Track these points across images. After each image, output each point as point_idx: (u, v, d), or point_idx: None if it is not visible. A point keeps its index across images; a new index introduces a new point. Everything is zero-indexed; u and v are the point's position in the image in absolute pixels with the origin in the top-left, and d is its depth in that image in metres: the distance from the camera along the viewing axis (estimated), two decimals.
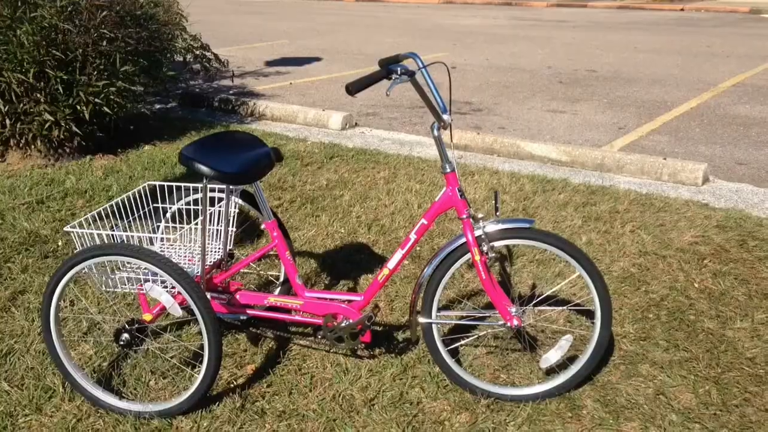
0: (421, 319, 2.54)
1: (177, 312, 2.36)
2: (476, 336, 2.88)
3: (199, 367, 2.66)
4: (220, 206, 2.75)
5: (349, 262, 3.66)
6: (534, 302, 2.85)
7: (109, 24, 5.18)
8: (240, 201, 2.80)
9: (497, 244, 2.40)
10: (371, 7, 21.23)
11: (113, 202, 2.65)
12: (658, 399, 2.55)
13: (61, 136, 5.20)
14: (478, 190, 4.77)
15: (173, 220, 2.77)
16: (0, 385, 2.58)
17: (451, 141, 2.70)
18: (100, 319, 3.00)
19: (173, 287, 2.37)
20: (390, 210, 4.37)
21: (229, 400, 2.54)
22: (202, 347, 2.42)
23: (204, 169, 2.28)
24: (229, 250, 2.81)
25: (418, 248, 3.83)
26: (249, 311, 2.71)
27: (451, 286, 3.40)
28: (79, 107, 5.11)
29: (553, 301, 3.12)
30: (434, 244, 3.89)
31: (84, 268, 2.34)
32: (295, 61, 10.70)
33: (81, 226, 2.47)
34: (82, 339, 2.88)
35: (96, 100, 5.10)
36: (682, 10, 19.87)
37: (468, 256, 2.44)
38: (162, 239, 2.71)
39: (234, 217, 2.81)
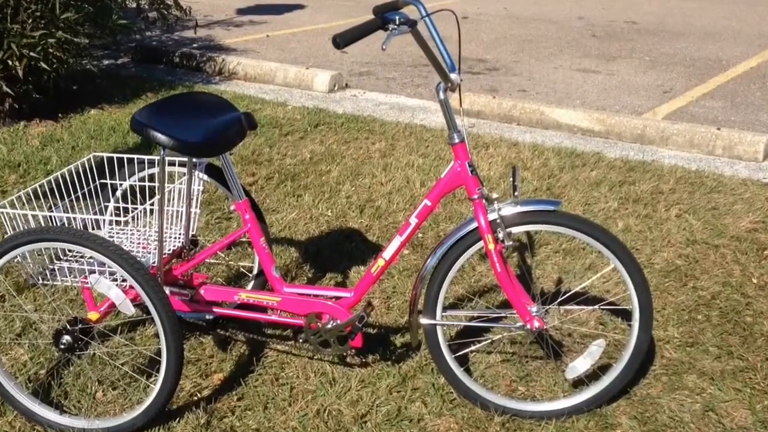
0: (424, 320, 2.54)
1: (129, 310, 2.36)
2: (489, 340, 2.88)
3: (156, 376, 2.64)
4: (181, 183, 2.74)
5: (336, 252, 3.66)
6: (559, 300, 2.85)
7: None
8: (205, 177, 2.79)
9: (516, 230, 2.40)
10: None
11: (52, 178, 2.64)
12: (707, 416, 2.55)
13: None
14: (494, 165, 4.74)
15: (124, 200, 2.76)
16: None
17: (461, 106, 2.69)
18: (36, 318, 2.99)
19: (124, 280, 2.37)
20: (387, 189, 4.36)
21: (192, 415, 2.54)
22: (159, 352, 2.41)
23: (161, 137, 2.27)
24: (192, 235, 2.81)
25: (420, 235, 3.83)
26: (216, 309, 2.71)
27: (460, 280, 3.40)
28: (10, 62, 5.03)
29: (583, 299, 3.13)
30: (440, 231, 3.89)
31: (16, 257, 2.33)
32: (273, 8, 10.62)
33: (12, 205, 2.45)
34: (15, 342, 2.87)
35: (31, 53, 5.03)
36: None
37: (480, 244, 2.43)
38: (111, 222, 2.70)
39: (198, 196, 2.80)
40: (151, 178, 2.80)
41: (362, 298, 2.70)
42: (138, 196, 2.77)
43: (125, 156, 2.82)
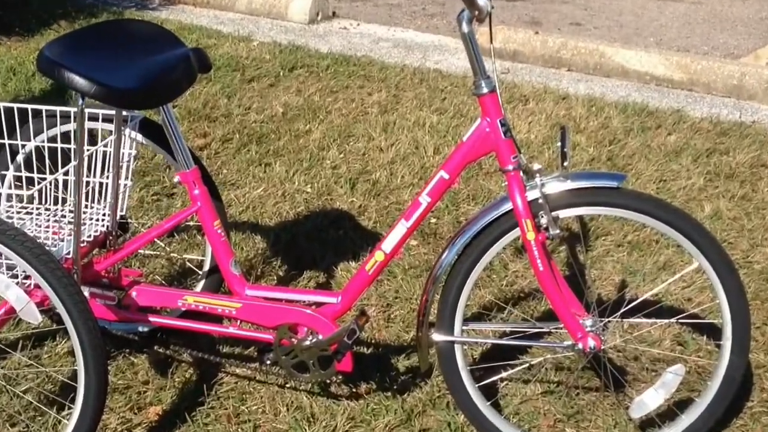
0: (437, 337, 2.55)
1: (33, 317, 2.36)
2: (527, 365, 2.88)
3: (70, 408, 2.61)
4: (105, 145, 2.74)
5: (318, 242, 3.67)
6: (622, 311, 2.85)
7: None
8: (139, 137, 2.81)
9: (564, 213, 2.42)
10: None
11: None
12: None
13: None
14: (535, 125, 4.75)
15: (28, 167, 2.73)
16: None
17: (491, 44, 2.68)
18: None
19: (27, 277, 2.37)
20: (387, 157, 4.38)
21: None
22: (74, 376, 2.42)
23: (79, 81, 2.27)
24: (121, 217, 2.82)
25: (432, 220, 3.83)
26: (153, 319, 2.71)
27: (487, 282, 3.42)
28: None
29: (655, 309, 3.09)
30: (460, 215, 3.89)
31: None
32: None
33: None
34: None
35: None
36: None
37: (515, 232, 2.44)
38: (9, 197, 2.70)
39: (129, 163, 2.80)
40: (65, 137, 2.79)
41: (353, 306, 2.67)
42: (47, 162, 2.76)
43: (29, 107, 2.78)
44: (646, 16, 6.60)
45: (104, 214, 2.79)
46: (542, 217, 2.39)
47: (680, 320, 3.08)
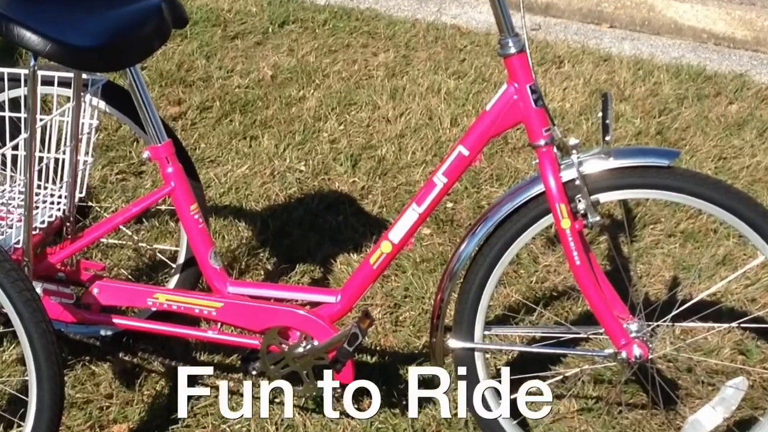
0: (454, 343, 2.57)
1: None
2: (560, 377, 2.88)
3: (20, 426, 2.62)
4: (63, 114, 2.75)
5: (313, 229, 3.69)
6: (674, 313, 2.85)
7: None
8: (102, 105, 2.81)
9: (606, 197, 2.42)
10: None
11: None
12: None
13: None
14: (571, 92, 4.76)
15: None
16: None
17: None
18: None
19: None
20: (396, 129, 4.39)
21: None
22: (25, 388, 2.43)
23: (31, 37, 2.25)
24: (80, 199, 2.84)
25: (448, 205, 3.85)
26: (117, 320, 2.73)
27: (513, 279, 3.44)
28: None
29: (712, 312, 3.10)
30: (481, 198, 3.92)
31: None
32: None
33: None
34: None
35: None
36: None
37: (548, 219, 2.45)
38: None
39: (91, 135, 2.81)
40: (15, 105, 2.79)
41: (354, 306, 2.70)
42: None
43: None
44: None
45: (60, 197, 2.79)
46: (579, 201, 2.39)
47: (742, 325, 3.04)
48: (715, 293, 3.25)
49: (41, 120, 2.62)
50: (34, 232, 2.62)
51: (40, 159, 2.74)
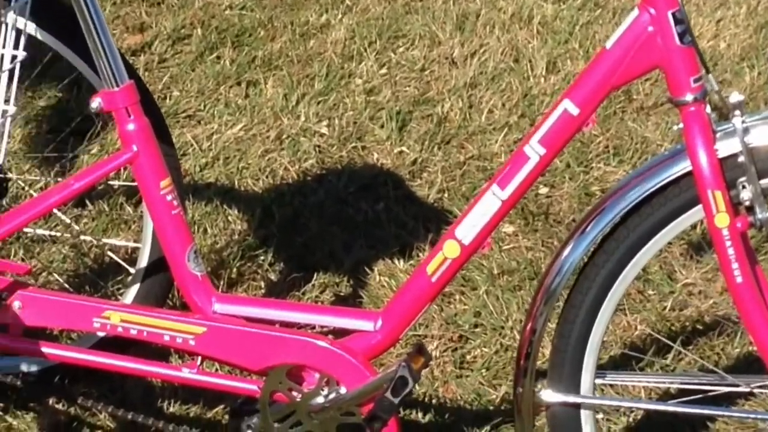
0: (551, 395, 2.51)
1: None
2: None
3: None
4: None
5: (339, 221, 3.71)
6: None
7: None
8: (31, 28, 2.84)
9: None
10: None
11: None
12: None
13: None
14: (728, 24, 4.77)
15: None
16: None
17: None
18: None
19: None
20: (465, 75, 4.41)
21: None
22: None
23: None
24: None
25: (542, 190, 3.88)
26: (48, 350, 2.66)
27: (638, 303, 3.41)
28: None
29: None
30: (590, 180, 3.93)
31: None
32: None
33: None
34: None
35: None
36: None
37: (694, 212, 2.37)
38: None
39: (14, 74, 2.82)
40: None
41: (401, 336, 2.63)
42: None
43: None
44: None
45: None
46: (743, 187, 2.29)
47: None
48: None
49: None
50: None
51: None
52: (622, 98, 4.09)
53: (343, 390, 2.51)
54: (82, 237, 3.43)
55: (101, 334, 2.72)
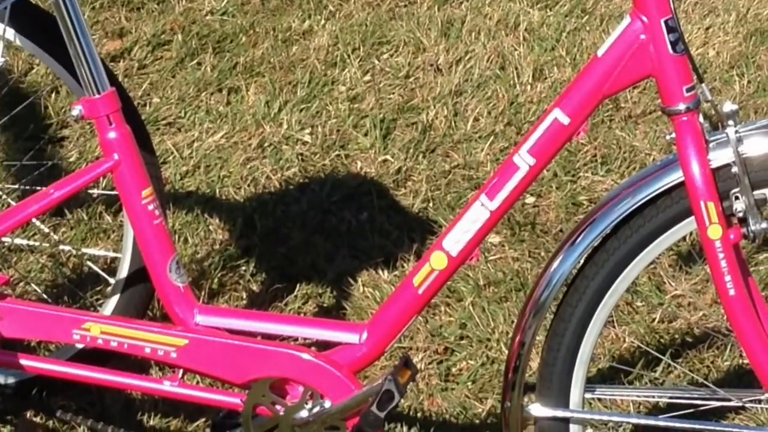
0: (539, 410, 2.52)
1: None
2: None
3: None
4: None
5: (323, 232, 3.72)
6: None
7: None
8: (10, 34, 2.85)
9: None
10: None
11: None
12: None
13: None
14: (718, 32, 4.78)
15: None
16: None
17: None
18: None
19: None
20: (450, 82, 4.41)
21: None
22: None
23: None
24: None
25: (529, 200, 3.88)
26: (25, 362, 2.69)
27: (628, 315, 3.42)
28: None
29: None
30: (578, 190, 3.92)
31: None
32: None
33: None
34: None
35: None
36: None
37: (686, 224, 2.38)
38: None
39: None
40: None
41: (387, 349, 2.64)
42: None
43: None
44: None
45: None
46: (737, 198, 2.30)
47: None
48: None
49: None
50: None
51: None
52: (610, 106, 4.09)
53: (327, 404, 2.53)
54: (61, 246, 3.40)
55: (80, 345, 2.70)
